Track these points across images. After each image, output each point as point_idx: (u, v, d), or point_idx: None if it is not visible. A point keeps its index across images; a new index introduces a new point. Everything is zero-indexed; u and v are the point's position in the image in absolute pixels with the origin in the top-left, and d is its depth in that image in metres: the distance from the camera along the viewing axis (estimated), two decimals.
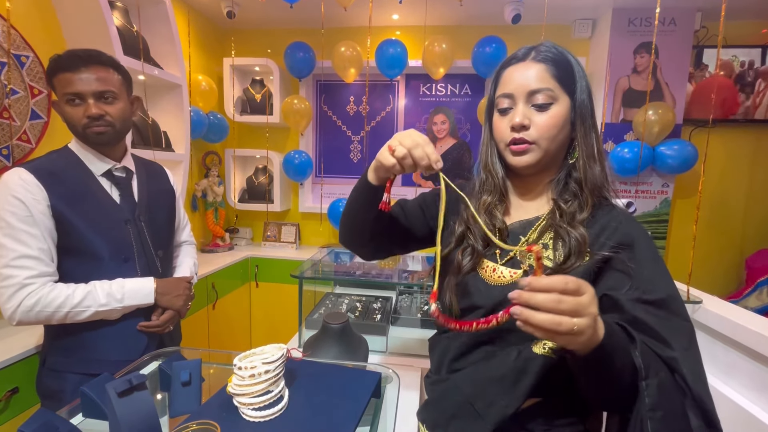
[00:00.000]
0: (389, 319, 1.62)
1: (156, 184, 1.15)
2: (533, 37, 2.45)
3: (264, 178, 2.80)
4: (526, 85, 0.62)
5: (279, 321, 2.60)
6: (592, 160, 0.64)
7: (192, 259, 1.28)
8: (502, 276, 0.63)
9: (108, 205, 0.99)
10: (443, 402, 0.69)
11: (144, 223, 1.05)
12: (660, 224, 2.39)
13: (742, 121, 2.42)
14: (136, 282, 0.99)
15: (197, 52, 2.50)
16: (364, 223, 0.72)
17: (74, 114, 0.93)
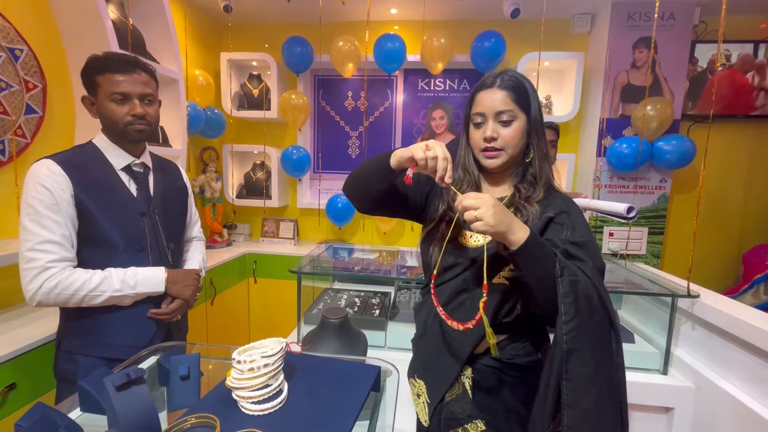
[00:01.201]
0: (388, 314, 1.62)
1: (170, 181, 1.20)
2: (532, 31, 2.44)
3: (262, 174, 2.79)
4: (493, 107, 0.82)
5: (278, 317, 2.60)
6: (544, 161, 0.86)
7: (201, 254, 1.33)
8: (477, 241, 0.85)
9: (126, 198, 1.04)
10: (431, 345, 0.90)
11: (158, 216, 1.11)
12: (658, 219, 2.39)
13: (740, 117, 2.42)
14: (149, 271, 1.05)
15: (194, 47, 2.48)
16: (372, 191, 0.90)
17: (119, 111, 1.01)
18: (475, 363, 0.85)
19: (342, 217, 2.61)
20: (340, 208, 2.59)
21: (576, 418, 0.69)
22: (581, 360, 0.69)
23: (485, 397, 0.84)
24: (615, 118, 2.33)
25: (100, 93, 1.01)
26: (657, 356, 1.41)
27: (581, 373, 0.69)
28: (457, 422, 0.83)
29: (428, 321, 0.92)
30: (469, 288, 0.85)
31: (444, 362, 0.86)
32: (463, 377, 0.85)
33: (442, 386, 0.86)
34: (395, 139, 2.80)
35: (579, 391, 0.69)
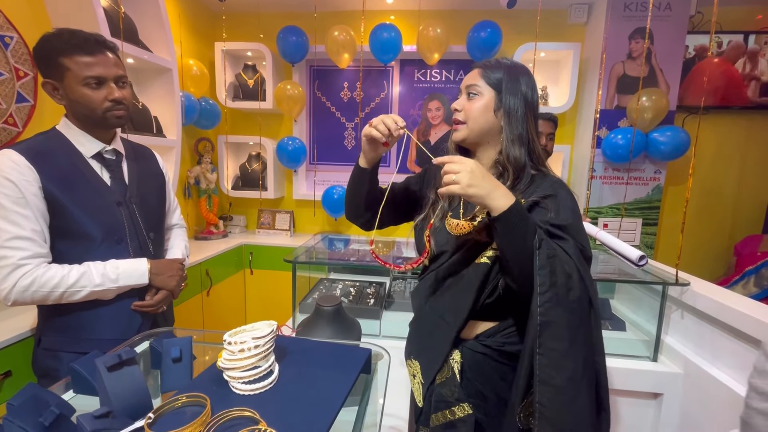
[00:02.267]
0: (383, 303, 1.63)
1: (146, 167, 1.15)
2: (529, 21, 2.42)
3: (257, 165, 2.78)
4: (466, 83, 0.88)
5: (274, 307, 2.61)
6: (515, 143, 0.84)
7: (183, 242, 1.29)
8: (463, 227, 0.82)
9: (99, 187, 0.99)
10: (425, 326, 0.94)
11: (135, 205, 1.06)
12: (652, 211, 2.41)
13: (734, 108, 2.43)
14: (131, 263, 1.01)
15: (188, 36, 2.46)
16: (359, 197, 0.95)
17: (95, 97, 0.94)
18: (463, 347, 0.87)
19: (338, 208, 2.61)
20: (336, 199, 2.59)
21: (547, 394, 0.68)
22: (555, 335, 0.69)
23: (473, 381, 0.86)
24: (611, 109, 2.34)
25: (69, 77, 0.93)
26: (647, 344, 1.43)
27: (555, 348, 0.69)
28: (446, 404, 0.85)
29: (421, 305, 0.95)
30: (455, 272, 0.88)
31: (435, 344, 0.89)
32: (452, 361, 0.87)
33: (433, 367, 0.88)
34: None
35: (552, 366, 0.69)
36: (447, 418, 0.86)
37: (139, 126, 1.81)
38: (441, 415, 0.86)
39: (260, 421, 0.50)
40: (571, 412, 0.68)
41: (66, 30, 0.94)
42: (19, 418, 0.47)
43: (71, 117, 0.99)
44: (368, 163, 0.90)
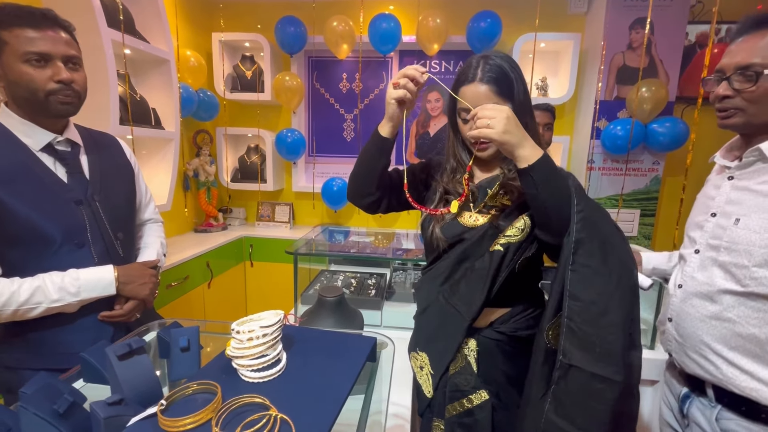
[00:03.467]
0: (384, 294, 1.64)
1: (110, 158, 1.03)
2: (529, 11, 2.40)
3: (256, 158, 2.77)
4: (477, 102, 0.80)
5: (274, 299, 2.62)
6: None
7: (159, 239, 1.16)
8: (478, 220, 0.85)
9: (52, 184, 0.87)
10: (433, 318, 0.92)
11: (98, 202, 0.94)
12: (649, 201, 2.42)
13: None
14: (94, 272, 0.89)
15: (185, 27, 2.43)
16: (374, 171, 0.88)
17: (38, 76, 0.81)
18: (478, 336, 0.88)
19: (337, 200, 2.62)
20: (336, 191, 2.59)
21: (576, 308, 0.68)
22: (589, 251, 0.69)
23: (489, 369, 0.87)
24: (610, 100, 2.33)
25: (7, 52, 0.80)
26: (645, 332, 1.45)
27: (587, 264, 0.69)
28: (462, 393, 0.86)
29: (430, 297, 0.94)
30: (470, 257, 0.87)
31: (446, 334, 0.88)
32: (467, 350, 0.87)
33: (445, 358, 0.88)
34: None
35: (583, 281, 0.68)
36: (464, 406, 0.86)
37: (138, 118, 1.80)
38: (458, 404, 0.87)
39: (270, 408, 0.51)
40: (599, 326, 0.67)
41: (10, 3, 0.82)
42: (33, 406, 0.48)
43: (11, 104, 0.86)
44: (391, 132, 0.85)
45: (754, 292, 0.76)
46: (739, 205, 0.81)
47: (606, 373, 0.66)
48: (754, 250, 0.75)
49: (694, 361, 0.85)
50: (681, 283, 0.90)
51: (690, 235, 0.92)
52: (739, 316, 0.78)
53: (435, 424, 0.92)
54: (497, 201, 0.88)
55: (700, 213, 0.91)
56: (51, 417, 0.48)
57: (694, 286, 0.85)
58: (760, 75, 0.73)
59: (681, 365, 0.90)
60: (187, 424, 0.48)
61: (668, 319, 0.93)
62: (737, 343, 0.78)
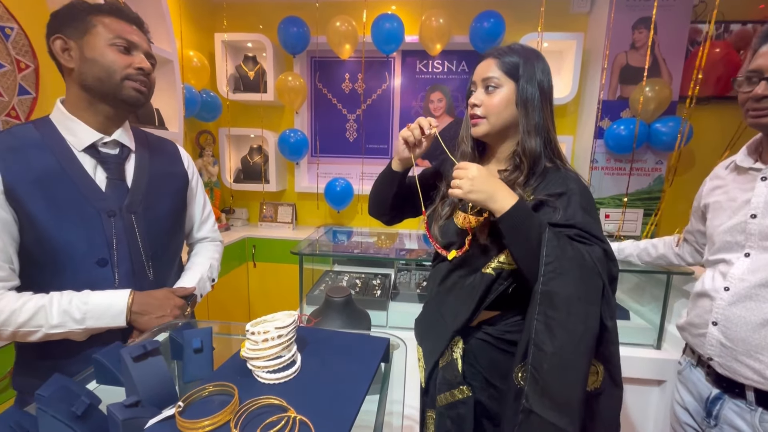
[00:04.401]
0: (389, 294, 1.64)
1: (162, 166, 0.93)
2: (532, 11, 2.40)
3: (259, 158, 2.77)
4: (481, 75, 0.84)
5: (278, 300, 2.62)
6: (531, 135, 0.82)
7: (209, 261, 1.04)
8: (469, 221, 0.84)
9: (86, 190, 0.78)
10: (426, 318, 0.99)
11: (135, 215, 0.84)
12: (652, 201, 2.42)
13: (734, 97, 2.43)
14: (105, 297, 0.77)
15: (187, 27, 2.42)
16: (388, 198, 0.98)
17: (120, 60, 0.79)
18: (467, 336, 0.89)
19: (340, 200, 2.61)
20: (339, 191, 2.59)
21: (539, 359, 0.70)
22: (554, 304, 0.70)
23: (475, 366, 0.89)
24: (613, 99, 2.33)
25: (94, 35, 0.77)
26: (651, 331, 1.45)
27: (551, 317, 0.70)
28: (448, 386, 0.88)
29: (430, 293, 0.99)
30: (460, 274, 0.89)
31: (437, 332, 0.92)
32: (455, 347, 0.89)
33: (433, 355, 0.91)
34: (393, 122, 2.78)
35: (547, 333, 0.70)
36: (448, 399, 0.89)
37: (142, 118, 1.80)
38: (445, 395, 0.90)
39: (289, 409, 0.50)
40: (561, 379, 0.69)
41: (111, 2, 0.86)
42: (51, 408, 0.47)
43: (73, 92, 0.80)
44: (401, 166, 0.93)
45: None
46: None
47: (562, 423, 0.68)
48: None
49: (747, 366, 0.84)
50: (728, 286, 0.88)
51: (730, 240, 0.90)
52: None
53: (428, 414, 0.95)
54: None
55: (732, 216, 0.90)
56: (69, 419, 0.48)
57: (746, 289, 0.85)
58: None
59: (726, 371, 0.88)
60: (206, 425, 0.47)
61: (712, 323, 0.91)
62: None
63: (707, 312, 0.92)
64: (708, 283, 0.94)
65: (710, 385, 0.93)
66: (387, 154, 2.82)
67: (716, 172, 1.05)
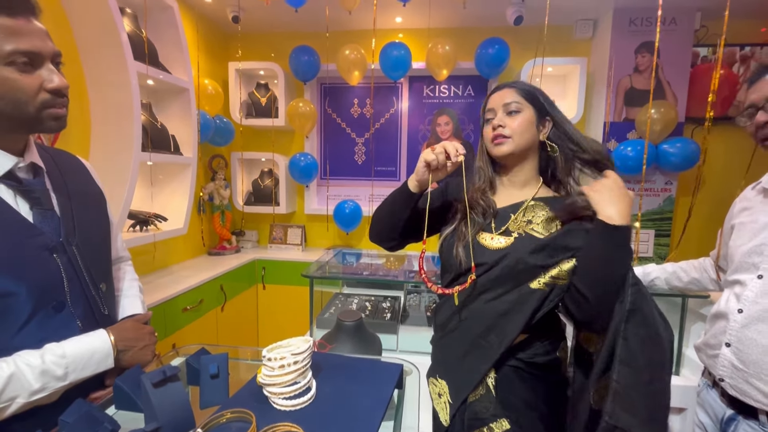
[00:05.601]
0: (399, 317, 1.63)
1: (79, 185, 0.78)
2: (536, 38, 2.47)
3: (270, 181, 2.82)
4: (501, 100, 0.89)
5: (287, 322, 2.61)
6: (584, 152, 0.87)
7: (137, 282, 0.95)
8: (500, 243, 0.86)
9: (16, 227, 0.63)
10: (454, 346, 0.90)
11: (76, 247, 0.71)
12: (664, 222, 2.40)
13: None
14: (82, 343, 0.67)
15: (203, 57, 2.53)
16: (399, 222, 0.92)
17: (26, 86, 0.60)
18: (499, 364, 0.87)
19: (349, 222, 2.64)
20: (348, 213, 2.61)
21: (625, 373, 0.72)
22: (640, 321, 0.73)
23: (508, 395, 0.85)
24: (619, 121, 2.36)
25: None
26: None
27: (638, 333, 0.73)
28: (482, 422, 0.84)
29: (451, 321, 0.93)
30: (499, 292, 0.86)
31: (470, 365, 0.87)
32: (488, 377, 0.86)
33: (466, 387, 0.86)
34: (401, 145, 2.83)
35: (634, 350, 0.72)
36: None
37: (158, 144, 1.86)
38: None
39: None
40: (646, 393, 0.72)
41: None
42: None
43: None
44: (419, 188, 0.89)
45: None
46: None
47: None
48: None
49: (758, 389, 0.83)
50: (741, 308, 0.88)
51: (747, 261, 0.91)
52: None
53: None
54: (520, 227, 0.89)
55: (752, 238, 0.91)
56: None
57: (759, 311, 0.85)
58: None
59: (737, 393, 0.87)
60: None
61: (725, 344, 0.91)
62: None
63: (722, 333, 0.92)
64: (724, 305, 0.94)
65: (725, 406, 0.91)
66: (395, 176, 2.85)
67: (745, 194, 1.05)
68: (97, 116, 1.67)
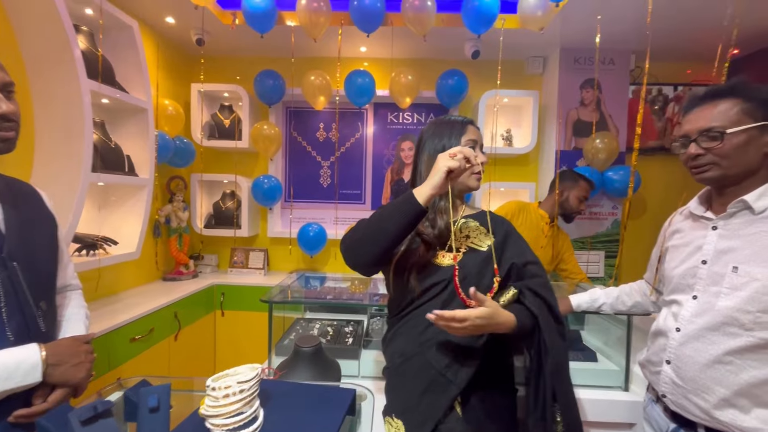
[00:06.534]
0: (361, 342, 1.61)
1: (29, 210, 0.85)
2: (492, 71, 2.64)
3: (232, 204, 2.76)
4: (471, 136, 0.96)
5: (246, 350, 2.50)
6: None
7: (83, 309, 0.97)
8: (451, 259, 0.89)
9: None
10: (413, 383, 0.87)
11: (18, 263, 0.75)
12: (613, 244, 2.56)
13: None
14: (10, 354, 0.68)
15: (165, 77, 2.49)
16: (395, 242, 0.84)
17: None
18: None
19: (313, 245, 2.61)
20: (312, 236, 2.59)
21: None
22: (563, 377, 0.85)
23: (471, 411, 0.85)
24: (569, 150, 2.53)
25: None
26: (619, 374, 1.48)
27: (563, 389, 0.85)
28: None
29: (407, 350, 0.90)
30: (455, 302, 0.86)
31: (429, 400, 0.83)
32: (456, 404, 0.85)
33: (430, 421, 0.82)
34: (366, 169, 2.87)
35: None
36: None
37: (110, 165, 1.79)
38: None
39: None
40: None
41: None
42: None
43: None
44: (432, 196, 0.81)
45: (757, 336, 0.81)
46: (734, 254, 0.87)
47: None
48: (757, 297, 0.81)
49: (695, 404, 0.87)
50: (679, 327, 0.93)
51: (682, 282, 0.96)
52: (741, 359, 0.82)
53: None
54: (462, 243, 0.95)
55: (685, 260, 0.97)
56: None
57: (694, 330, 0.90)
58: (724, 134, 0.85)
59: (677, 408, 0.92)
60: None
61: (666, 362, 0.95)
62: (739, 386, 0.82)
63: (662, 350, 0.97)
64: (662, 323, 0.99)
65: (668, 420, 0.95)
66: (360, 199, 2.88)
67: (675, 218, 1.13)
68: (43, 133, 1.59)
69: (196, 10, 2.13)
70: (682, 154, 0.95)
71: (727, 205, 0.90)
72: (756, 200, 0.86)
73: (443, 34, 2.36)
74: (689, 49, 2.46)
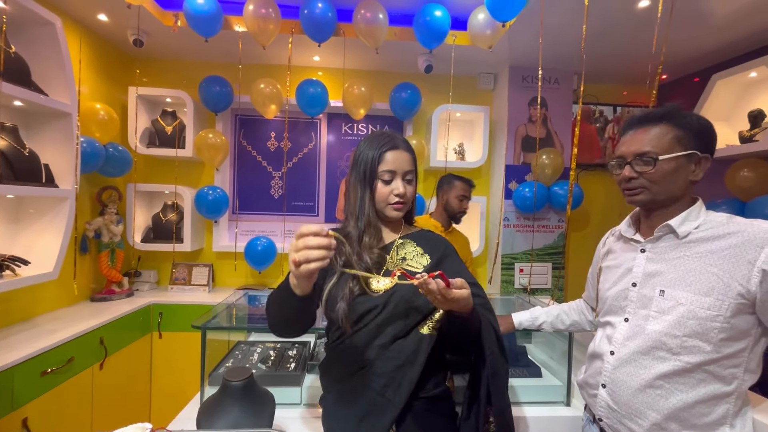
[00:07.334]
0: (305, 366, 1.52)
1: None
2: (445, 85, 2.67)
3: (173, 216, 2.57)
4: (402, 167, 0.93)
5: (186, 377, 2.31)
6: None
7: None
8: (386, 284, 0.89)
9: None
10: (352, 408, 0.85)
11: None
12: (559, 255, 2.65)
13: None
14: None
15: (98, 79, 2.29)
16: (299, 324, 0.87)
17: None
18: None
19: (262, 260, 2.48)
20: (260, 251, 2.47)
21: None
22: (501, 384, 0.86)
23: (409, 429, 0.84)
24: (518, 165, 2.60)
25: None
26: (561, 389, 1.50)
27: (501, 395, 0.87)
28: None
29: (344, 377, 0.88)
30: (391, 322, 0.87)
31: (368, 426, 0.83)
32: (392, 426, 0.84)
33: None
34: (320, 180, 2.80)
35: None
36: None
37: (23, 175, 1.59)
38: None
39: None
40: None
41: None
42: None
43: None
44: (304, 290, 0.74)
45: (683, 360, 0.82)
46: (660, 277, 0.88)
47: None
48: (683, 321, 0.81)
49: (629, 429, 0.88)
50: (613, 350, 0.94)
51: (615, 304, 0.97)
52: (670, 383, 0.83)
53: None
54: (397, 265, 0.93)
55: (618, 282, 0.98)
56: None
57: (627, 354, 0.90)
58: (657, 160, 0.87)
59: (612, 431, 0.93)
60: None
61: (602, 385, 0.95)
62: (669, 411, 0.83)
63: (598, 373, 0.97)
64: (598, 345, 1.00)
65: None
66: (313, 211, 2.79)
67: (608, 239, 1.15)
68: None
69: (129, 9, 1.98)
70: (617, 175, 0.97)
71: (654, 228, 0.92)
72: (679, 225, 0.89)
73: (396, 48, 2.36)
74: (625, 73, 2.63)
